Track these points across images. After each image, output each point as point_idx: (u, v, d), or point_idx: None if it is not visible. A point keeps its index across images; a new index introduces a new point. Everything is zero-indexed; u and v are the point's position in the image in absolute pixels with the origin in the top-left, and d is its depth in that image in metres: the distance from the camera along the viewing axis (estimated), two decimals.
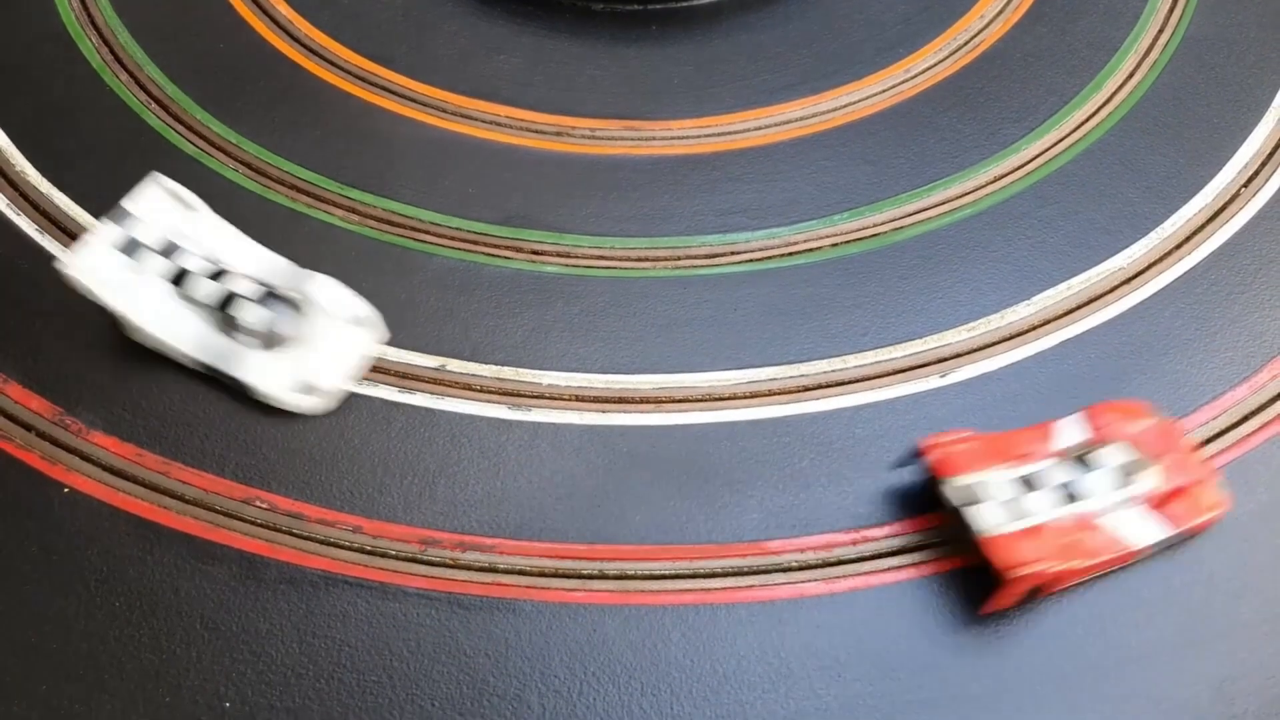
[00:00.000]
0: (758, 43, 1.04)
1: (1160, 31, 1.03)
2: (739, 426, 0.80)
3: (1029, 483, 0.73)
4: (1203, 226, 0.91)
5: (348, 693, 0.69)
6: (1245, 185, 0.93)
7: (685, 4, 1.07)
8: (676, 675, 0.70)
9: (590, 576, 0.74)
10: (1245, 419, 0.81)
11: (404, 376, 0.83)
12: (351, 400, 0.82)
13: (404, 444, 0.80)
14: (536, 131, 0.97)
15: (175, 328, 0.80)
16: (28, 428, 0.80)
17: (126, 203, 0.80)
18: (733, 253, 0.90)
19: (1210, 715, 0.69)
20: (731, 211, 0.92)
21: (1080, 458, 0.74)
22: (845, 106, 0.99)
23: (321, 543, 0.77)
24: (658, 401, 0.82)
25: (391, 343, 0.85)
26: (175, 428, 0.81)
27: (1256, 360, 0.84)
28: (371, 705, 0.69)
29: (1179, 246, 0.90)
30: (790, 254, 0.90)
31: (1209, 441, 0.80)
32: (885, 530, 0.76)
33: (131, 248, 0.79)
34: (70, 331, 0.85)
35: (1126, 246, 0.90)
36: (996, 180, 0.94)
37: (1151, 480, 0.73)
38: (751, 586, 0.73)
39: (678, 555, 0.74)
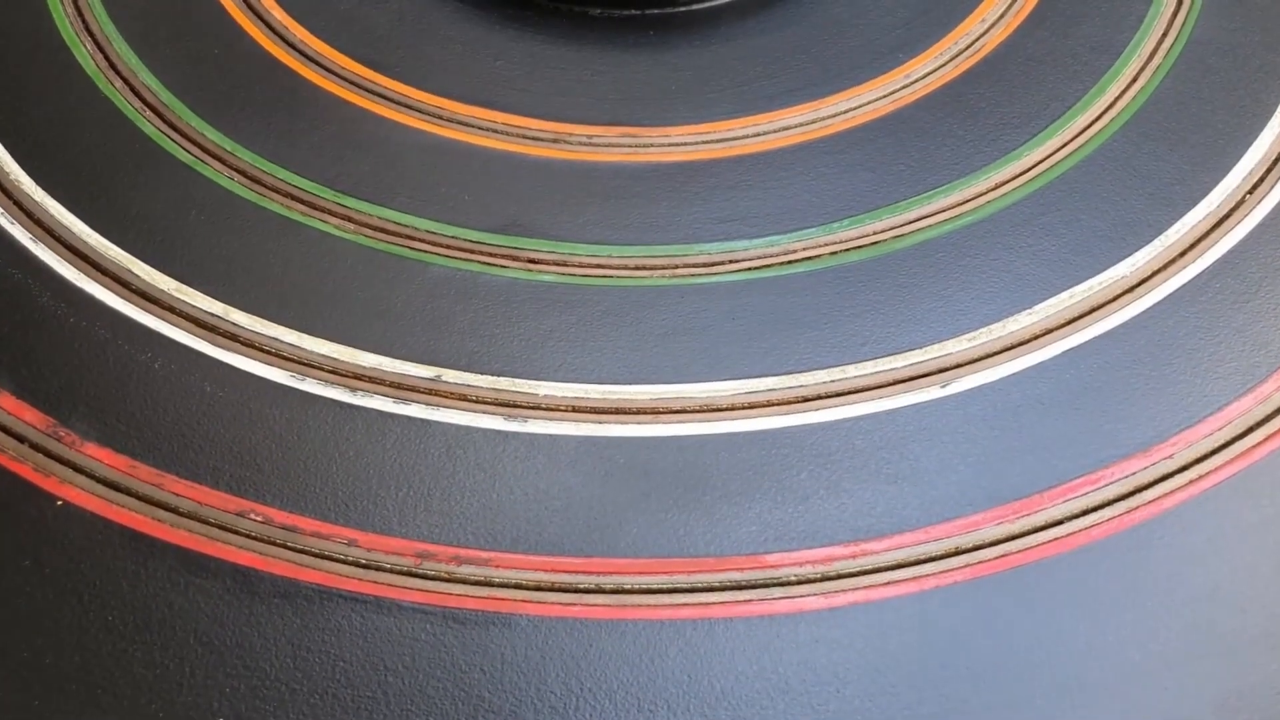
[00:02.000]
0: (756, 48, 1.03)
1: (1164, 36, 1.02)
2: (737, 438, 0.80)
3: None
4: (1207, 234, 0.90)
5: (342, 708, 0.69)
6: (1250, 191, 0.93)
7: (683, 9, 1.06)
8: (673, 691, 0.69)
9: (587, 590, 0.73)
10: (1250, 430, 0.80)
11: (398, 387, 0.83)
12: (346, 411, 0.82)
13: (399, 455, 0.80)
14: (533, 138, 0.97)
15: None
16: (20, 439, 0.80)
17: None
18: (731, 261, 0.89)
19: None
20: (729, 219, 0.91)
21: None
22: (845, 112, 0.98)
23: (316, 556, 0.76)
24: (655, 412, 0.81)
25: (386, 353, 0.84)
26: (169, 440, 0.81)
27: (1262, 370, 0.83)
28: None
29: (1183, 254, 0.89)
30: (789, 262, 0.89)
31: (1214, 453, 0.79)
32: (885, 543, 0.75)
33: None
34: (64, 342, 0.85)
35: (1130, 254, 0.89)
36: (998, 187, 0.93)
37: None
38: (749, 601, 0.73)
39: (675, 569, 0.74)
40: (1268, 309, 0.86)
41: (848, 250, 0.90)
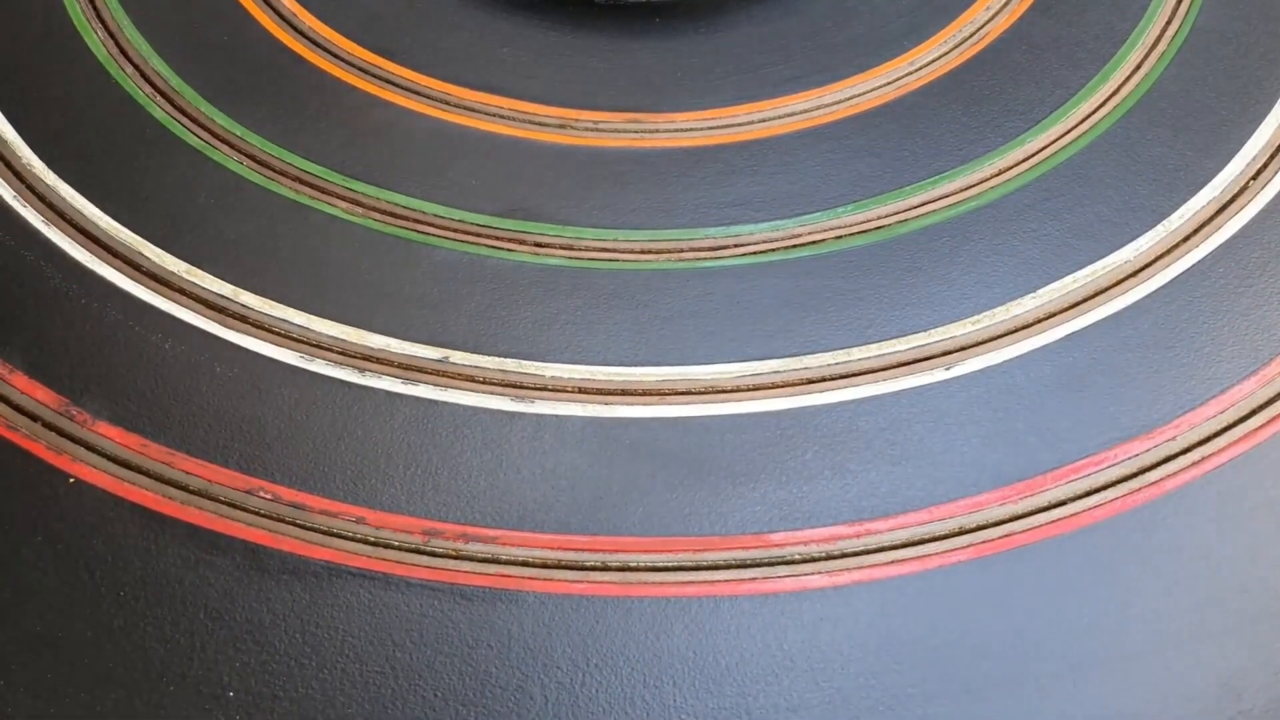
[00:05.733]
0: (762, 35, 1.04)
1: (1168, 23, 1.02)
2: (742, 419, 0.80)
3: None
4: (1211, 219, 0.90)
5: (350, 683, 0.69)
6: (1254, 178, 0.93)
7: None
8: (679, 668, 0.70)
9: (593, 568, 0.74)
10: (1253, 412, 0.80)
11: (407, 368, 0.83)
12: (354, 391, 0.82)
13: (407, 435, 0.80)
14: (540, 124, 0.97)
15: None
16: (33, 418, 0.80)
17: None
18: (736, 245, 0.90)
19: (1217, 710, 0.69)
20: (735, 204, 0.92)
21: None
22: (850, 99, 0.98)
23: (325, 533, 0.77)
24: (661, 394, 0.82)
25: (394, 334, 0.85)
26: (180, 418, 0.81)
27: (1265, 354, 0.83)
28: (374, 696, 0.69)
29: (1186, 239, 0.89)
30: (794, 246, 0.90)
31: (1217, 435, 0.79)
32: (889, 523, 0.76)
33: None
34: (76, 322, 0.85)
35: (1133, 239, 0.89)
36: (1002, 173, 0.94)
37: None
38: (754, 579, 0.73)
39: (680, 547, 0.74)
40: (1270, 293, 0.86)
41: (852, 235, 0.90)
